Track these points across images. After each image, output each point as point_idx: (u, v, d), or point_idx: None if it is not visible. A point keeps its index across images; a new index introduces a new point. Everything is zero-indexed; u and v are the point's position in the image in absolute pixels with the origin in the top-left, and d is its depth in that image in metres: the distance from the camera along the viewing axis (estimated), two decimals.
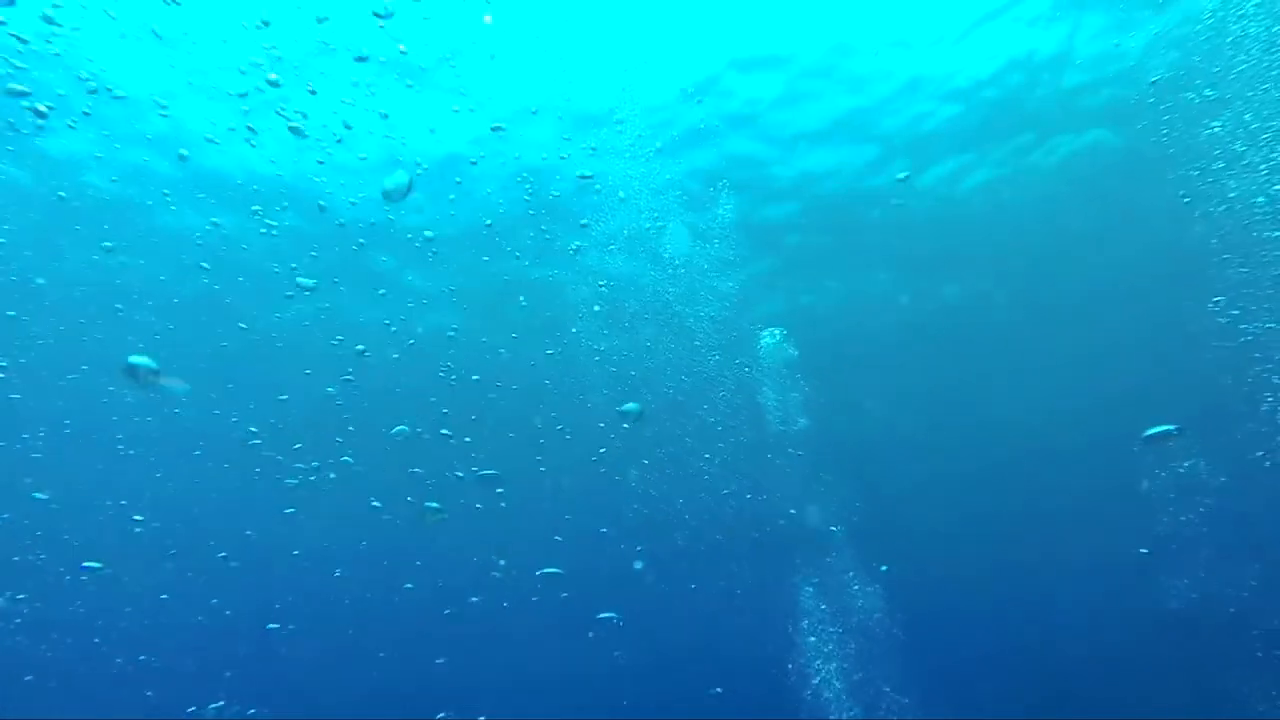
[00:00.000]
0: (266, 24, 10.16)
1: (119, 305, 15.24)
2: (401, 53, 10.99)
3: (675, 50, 11.88)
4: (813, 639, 17.45)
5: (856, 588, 19.15)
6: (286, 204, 13.46)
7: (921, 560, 24.98)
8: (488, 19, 10.95)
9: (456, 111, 12.14)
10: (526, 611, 27.01)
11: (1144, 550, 19.88)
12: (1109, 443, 19.99)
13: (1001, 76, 12.90)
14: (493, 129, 12.46)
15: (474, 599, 26.61)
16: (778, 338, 16.97)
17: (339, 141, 12.19)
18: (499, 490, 21.70)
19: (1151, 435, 13.77)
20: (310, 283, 15.37)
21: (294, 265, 14.84)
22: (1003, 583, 27.19)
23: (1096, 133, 14.22)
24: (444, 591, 26.19)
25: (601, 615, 25.88)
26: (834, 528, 21.48)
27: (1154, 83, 12.55)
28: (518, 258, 15.45)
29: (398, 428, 17.82)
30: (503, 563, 24.92)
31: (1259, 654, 19.39)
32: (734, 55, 12.15)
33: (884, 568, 19.63)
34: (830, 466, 21.38)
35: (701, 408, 18.29)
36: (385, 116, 11.81)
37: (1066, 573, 25.72)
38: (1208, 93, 11.88)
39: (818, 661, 17.05)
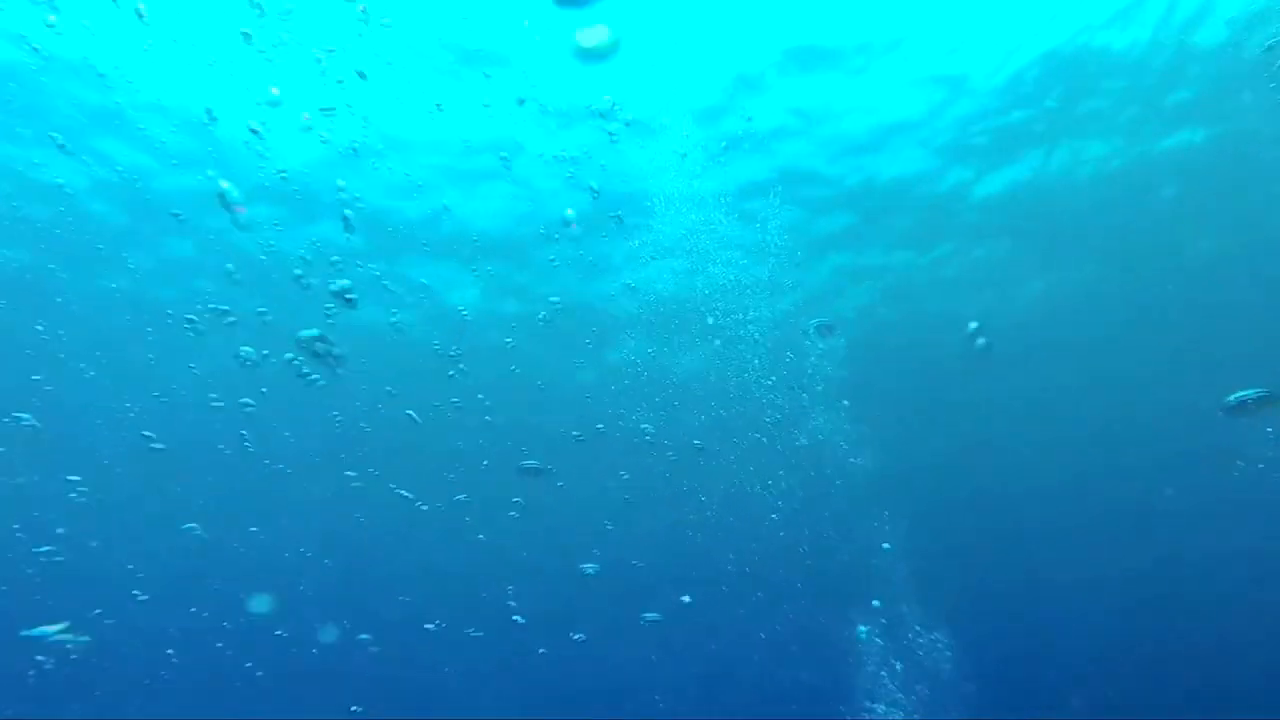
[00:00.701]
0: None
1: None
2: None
3: (725, 54, 11.06)
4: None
5: (918, 628, 18.02)
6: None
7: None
8: (526, 23, 10.29)
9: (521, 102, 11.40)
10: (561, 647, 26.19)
11: None
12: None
13: (1067, 75, 11.78)
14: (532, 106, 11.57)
15: (478, 633, 25.96)
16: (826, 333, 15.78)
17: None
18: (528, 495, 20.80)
19: (1237, 400, 11.82)
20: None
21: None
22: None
23: (1192, 129, 12.86)
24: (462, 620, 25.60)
25: (647, 616, 24.83)
26: (885, 545, 20.60)
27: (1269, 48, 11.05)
28: (553, 262, 14.67)
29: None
30: (512, 589, 24.26)
31: None
32: (785, 57, 11.23)
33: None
34: (891, 493, 20.19)
35: (754, 434, 17.20)
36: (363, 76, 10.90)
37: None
38: None
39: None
